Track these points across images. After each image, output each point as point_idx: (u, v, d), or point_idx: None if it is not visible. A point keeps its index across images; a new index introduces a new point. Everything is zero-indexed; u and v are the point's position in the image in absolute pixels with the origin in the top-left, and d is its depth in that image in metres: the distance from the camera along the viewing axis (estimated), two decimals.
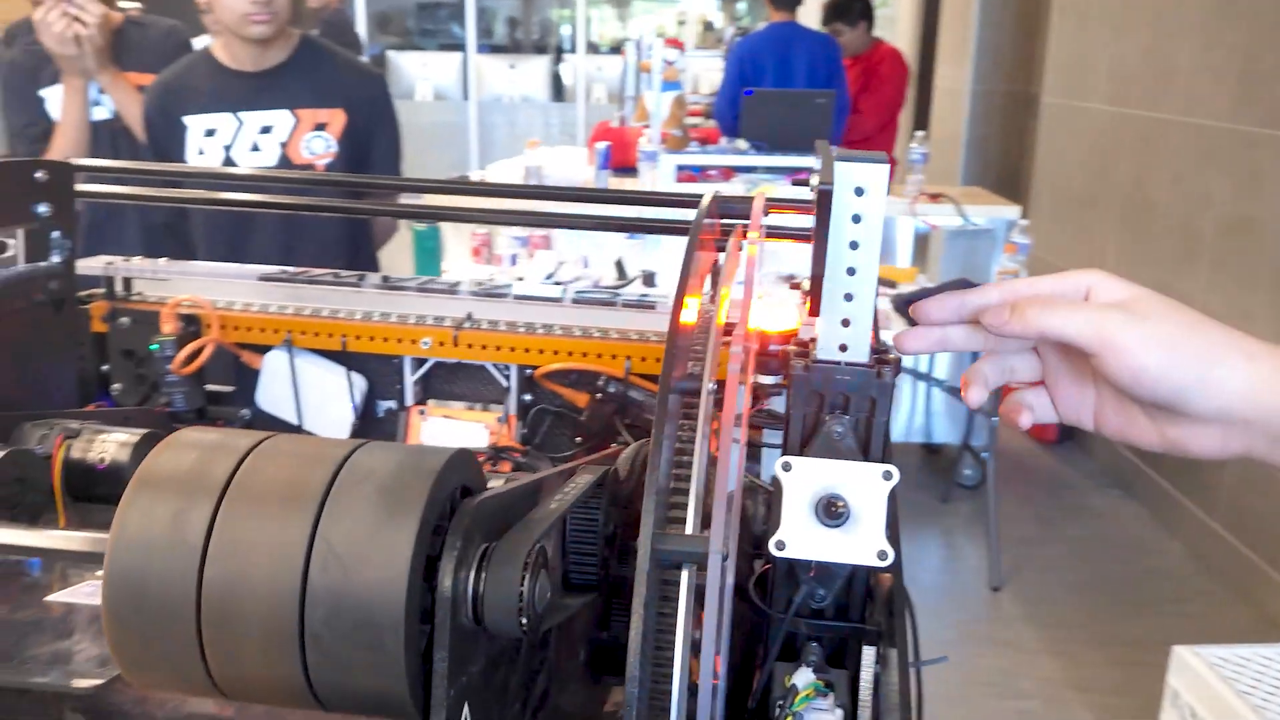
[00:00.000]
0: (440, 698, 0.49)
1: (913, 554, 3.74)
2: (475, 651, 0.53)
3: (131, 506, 0.50)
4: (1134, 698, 2.86)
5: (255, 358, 1.26)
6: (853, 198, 0.65)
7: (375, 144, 2.36)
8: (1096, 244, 4.31)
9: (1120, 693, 2.89)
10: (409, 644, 0.48)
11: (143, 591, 0.49)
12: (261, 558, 0.48)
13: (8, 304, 0.94)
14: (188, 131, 2.27)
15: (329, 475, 0.50)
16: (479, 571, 0.51)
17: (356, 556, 0.48)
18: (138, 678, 0.51)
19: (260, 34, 2.19)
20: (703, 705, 0.59)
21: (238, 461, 0.51)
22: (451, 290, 1.25)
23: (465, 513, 0.51)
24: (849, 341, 0.68)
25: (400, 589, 0.47)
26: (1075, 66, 4.59)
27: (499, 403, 1.25)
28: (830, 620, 0.73)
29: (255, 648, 0.48)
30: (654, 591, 0.61)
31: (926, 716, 2.91)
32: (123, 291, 1.27)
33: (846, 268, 0.67)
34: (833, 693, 0.70)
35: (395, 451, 0.53)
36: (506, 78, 9.16)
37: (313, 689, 0.49)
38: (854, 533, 0.64)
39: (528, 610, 0.52)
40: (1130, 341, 0.59)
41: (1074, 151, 4.59)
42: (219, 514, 0.49)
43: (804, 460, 0.65)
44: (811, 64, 4.71)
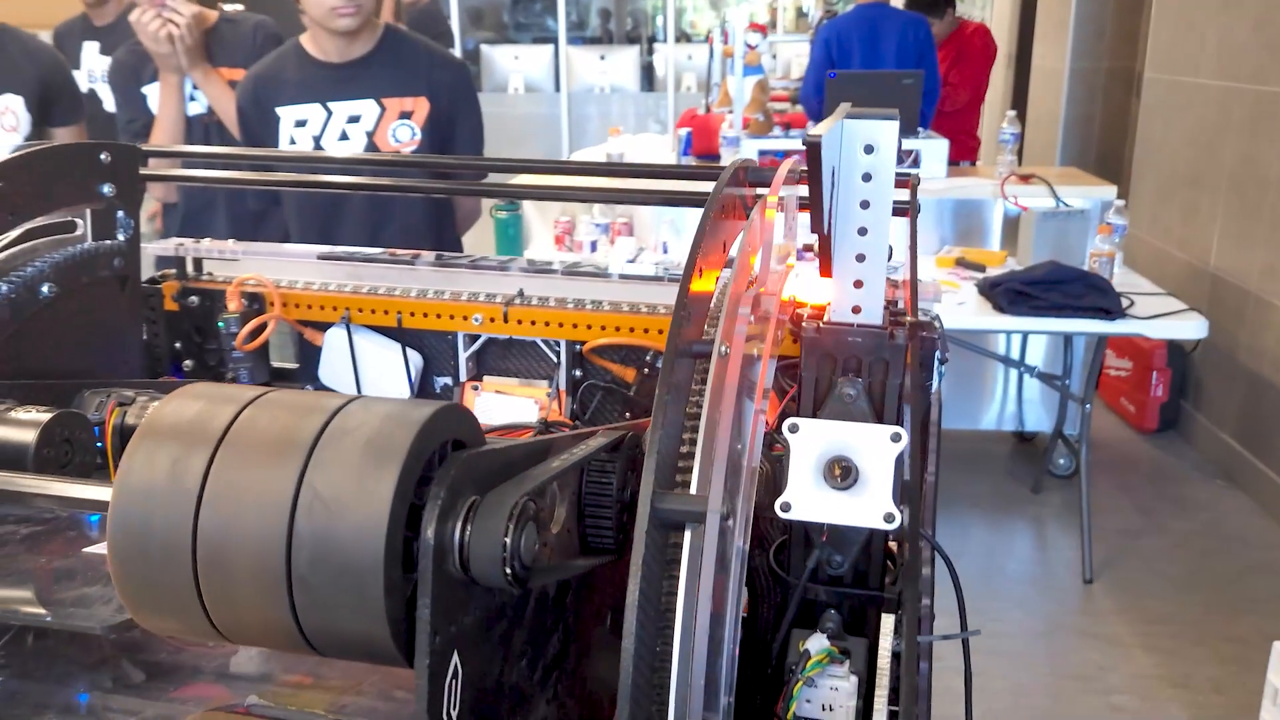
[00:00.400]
0: (424, 644, 0.50)
1: (1003, 544, 3.65)
2: (466, 602, 0.54)
3: (135, 454, 0.52)
4: (1233, 695, 2.73)
5: (317, 335, 1.30)
6: (863, 156, 0.64)
7: (458, 130, 2.41)
8: (1202, 225, 4.12)
9: (1219, 690, 2.77)
10: (390, 589, 0.49)
11: (144, 536, 0.51)
12: (252, 503, 0.50)
13: (74, 279, 0.98)
14: (280, 122, 2.35)
15: (319, 425, 0.52)
16: (466, 522, 0.52)
17: (340, 502, 0.49)
18: (144, 619, 0.54)
19: (346, 26, 2.25)
20: (698, 667, 0.59)
21: (236, 412, 0.53)
22: (503, 268, 1.27)
23: (453, 463, 0.52)
24: (862, 303, 0.67)
25: (380, 534, 0.49)
26: (1180, 40, 4.39)
27: (549, 378, 1.27)
28: (848, 587, 0.72)
29: (247, 590, 0.50)
30: (655, 551, 0.61)
31: (1017, 706, 2.84)
32: (194, 272, 1.32)
33: (858, 228, 0.65)
34: (849, 660, 0.70)
35: (386, 404, 0.54)
36: (597, 68, 9.21)
37: (303, 632, 0.51)
38: (862, 495, 0.63)
39: (512, 561, 0.52)
40: None
41: (1179, 129, 4.39)
42: (214, 462, 0.51)
43: (811, 422, 0.65)
44: (901, 45, 4.61)
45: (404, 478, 0.50)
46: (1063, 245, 3.51)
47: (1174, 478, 4.01)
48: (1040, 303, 3.11)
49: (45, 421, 0.75)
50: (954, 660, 0.92)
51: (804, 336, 0.67)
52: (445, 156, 2.30)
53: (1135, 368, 4.35)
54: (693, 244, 0.69)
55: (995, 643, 2.98)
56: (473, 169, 1.79)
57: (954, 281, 3.48)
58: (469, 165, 1.81)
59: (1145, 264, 4.48)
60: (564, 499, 0.69)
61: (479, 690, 0.57)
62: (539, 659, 0.67)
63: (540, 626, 0.67)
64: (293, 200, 2.42)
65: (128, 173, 1.05)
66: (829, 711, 0.69)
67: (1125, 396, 4.44)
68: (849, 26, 4.68)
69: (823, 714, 0.69)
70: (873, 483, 0.63)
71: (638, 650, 0.59)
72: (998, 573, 3.46)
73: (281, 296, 1.27)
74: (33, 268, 0.95)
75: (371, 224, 2.37)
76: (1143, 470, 4.14)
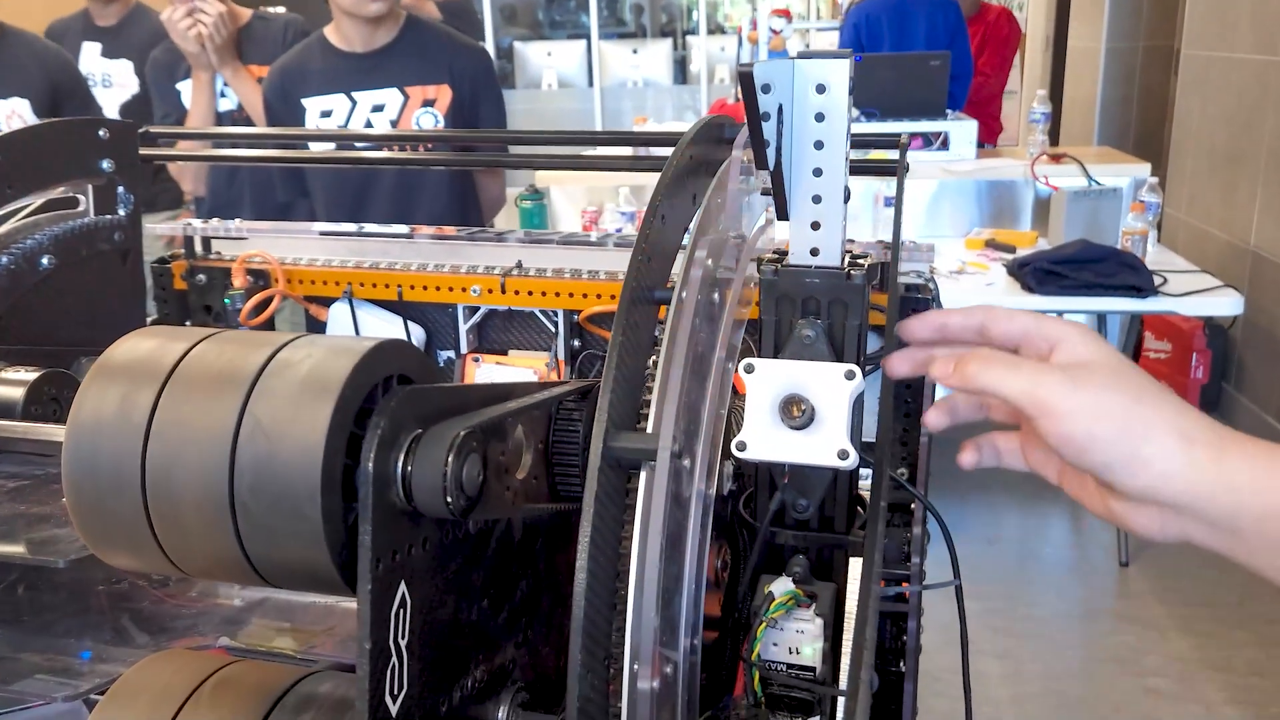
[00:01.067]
0: (365, 569, 0.51)
1: (1038, 527, 3.60)
2: (415, 534, 0.55)
3: (87, 391, 0.54)
4: (1274, 679, 2.67)
5: (321, 310, 1.33)
6: (815, 95, 0.64)
7: (481, 117, 2.43)
8: (1241, 203, 4.03)
9: (1259, 673, 2.71)
10: (329, 515, 0.50)
11: (95, 469, 0.52)
12: (196, 434, 0.51)
13: (74, 252, 1.01)
14: (306, 113, 2.39)
15: (264, 359, 0.53)
16: (409, 453, 0.53)
17: (279, 431, 0.50)
18: (103, 553, 0.55)
19: (377, 11, 2.29)
20: (648, 604, 0.59)
21: (187, 349, 0.54)
22: (500, 239, 1.28)
23: (395, 395, 0.53)
24: (820, 244, 0.67)
25: (316, 461, 0.50)
26: (1217, 15, 4.30)
27: (549, 348, 1.28)
28: (814, 531, 0.72)
29: (194, 520, 0.52)
30: (610, 492, 0.62)
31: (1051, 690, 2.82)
32: (201, 251, 1.35)
33: (812, 169, 0.65)
34: (815, 603, 0.70)
35: (332, 340, 0.55)
36: (630, 62, 9.22)
37: (250, 560, 0.52)
38: (817, 434, 0.63)
39: (452, 491, 0.53)
40: (1062, 408, 0.57)
41: (1217, 105, 4.30)
42: (162, 396, 0.52)
43: (766, 362, 0.65)
44: (931, 28, 4.57)
45: (341, 407, 0.51)
46: (1095, 225, 3.46)
47: None
48: (1070, 282, 3.06)
49: (33, 380, 0.78)
50: (985, 644, 0.91)
51: (762, 279, 0.68)
52: (464, 131, 2.32)
53: (1174, 349, 4.27)
54: (654, 191, 0.69)
55: (1030, 626, 2.95)
56: (488, 144, 1.80)
57: (983, 263, 3.45)
58: (486, 138, 1.83)
59: (1185, 244, 4.39)
60: (530, 445, 0.70)
61: (431, 622, 0.58)
62: (505, 601, 0.68)
63: (504, 569, 0.68)
64: (320, 190, 2.46)
65: (127, 149, 1.07)
66: (795, 654, 0.69)
67: (1165, 379, 4.35)
68: (878, 10, 4.64)
69: (789, 657, 0.69)
70: (828, 421, 0.63)
71: (590, 586, 0.59)
72: (1032, 558, 3.42)
73: (285, 273, 1.29)
74: (32, 240, 0.98)
75: (397, 212, 2.40)
76: None
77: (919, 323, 0.66)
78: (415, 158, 1.39)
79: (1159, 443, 0.56)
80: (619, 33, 10.30)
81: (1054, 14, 7.02)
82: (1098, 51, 6.03)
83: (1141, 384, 0.58)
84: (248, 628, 0.83)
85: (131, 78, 3.34)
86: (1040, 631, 2.95)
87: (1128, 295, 3.01)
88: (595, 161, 1.43)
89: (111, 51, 3.35)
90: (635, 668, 0.59)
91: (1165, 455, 0.56)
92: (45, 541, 0.63)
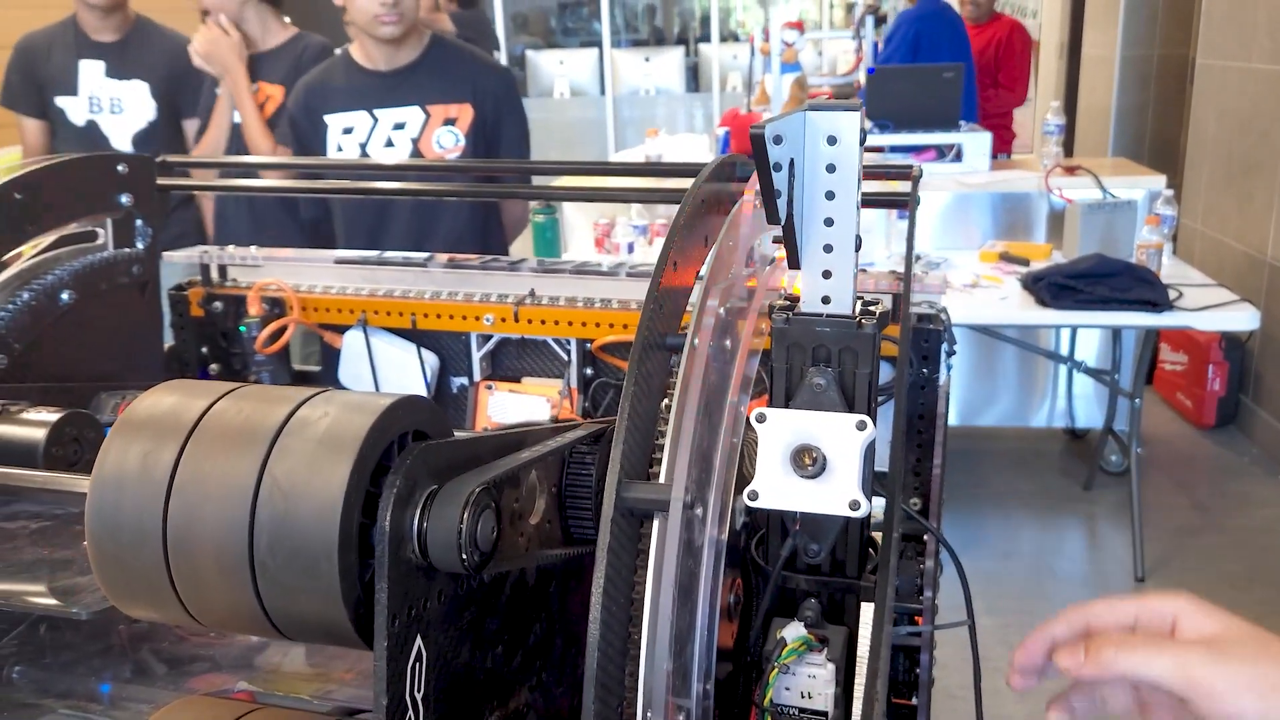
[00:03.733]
0: (382, 626, 0.52)
1: (1053, 542, 3.58)
2: (429, 588, 0.56)
3: (110, 447, 0.55)
4: None
5: (336, 338, 1.34)
6: (826, 147, 0.64)
7: (503, 136, 2.44)
8: (1258, 214, 4.01)
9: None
10: (346, 573, 0.51)
11: (117, 524, 0.53)
12: (216, 492, 0.52)
13: (94, 286, 1.02)
14: (328, 130, 2.41)
15: (283, 416, 0.54)
16: (424, 510, 0.54)
17: (297, 490, 0.51)
18: (123, 605, 0.56)
19: (389, 34, 2.30)
20: (660, 654, 0.60)
21: (208, 405, 0.55)
22: (513, 268, 1.29)
23: (409, 453, 0.54)
24: (831, 293, 0.67)
25: (334, 519, 0.50)
26: (1233, 24, 4.28)
27: (562, 376, 1.28)
28: (826, 576, 0.72)
29: (214, 575, 0.52)
30: (622, 540, 0.62)
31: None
32: (218, 278, 1.37)
33: (824, 219, 0.66)
34: (826, 648, 0.70)
35: (349, 396, 0.56)
36: (642, 70, 9.24)
37: (268, 615, 0.53)
38: (828, 483, 0.64)
39: (467, 548, 0.54)
40: (1220, 686, 0.56)
41: (1233, 116, 4.28)
42: (184, 453, 0.53)
43: (778, 411, 0.65)
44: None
45: (359, 465, 0.52)
46: (1110, 237, 3.44)
47: (1233, 473, 3.91)
48: (1085, 296, 3.05)
49: (54, 421, 0.79)
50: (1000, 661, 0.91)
51: (774, 327, 0.68)
52: (481, 160, 2.33)
53: (1191, 361, 4.25)
54: (667, 237, 0.70)
55: None
56: (507, 173, 1.82)
57: (997, 276, 3.44)
58: (504, 169, 1.84)
59: (1201, 256, 4.37)
60: (544, 490, 0.71)
61: (447, 674, 0.58)
62: (517, 646, 0.69)
63: (518, 614, 0.68)
64: (341, 208, 2.48)
65: (145, 183, 1.08)
66: (808, 699, 0.69)
67: (1182, 391, 4.33)
68: (934, 15, 4.63)
69: (802, 701, 0.69)
70: (839, 471, 0.64)
71: (604, 636, 0.60)
72: (1048, 572, 3.40)
73: (300, 300, 1.30)
74: (52, 275, 0.99)
75: (418, 231, 2.41)
76: (1200, 466, 4.04)
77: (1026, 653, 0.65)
78: (432, 189, 1.40)
79: None
80: (631, 40, 10.33)
81: (1068, 21, 7.00)
82: (1112, 60, 6.01)
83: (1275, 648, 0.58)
84: (266, 666, 0.83)
85: (147, 102, 3.02)
86: None
87: (1143, 310, 3.00)
88: (610, 194, 1.43)
89: (119, 71, 2.99)
90: (649, 715, 0.60)
91: None
92: (67, 590, 0.64)
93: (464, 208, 2.42)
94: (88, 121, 3.01)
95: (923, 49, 4.51)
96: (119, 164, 1.06)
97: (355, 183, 1.28)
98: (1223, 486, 3.84)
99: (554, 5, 10.62)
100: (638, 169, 1.26)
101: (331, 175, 1.96)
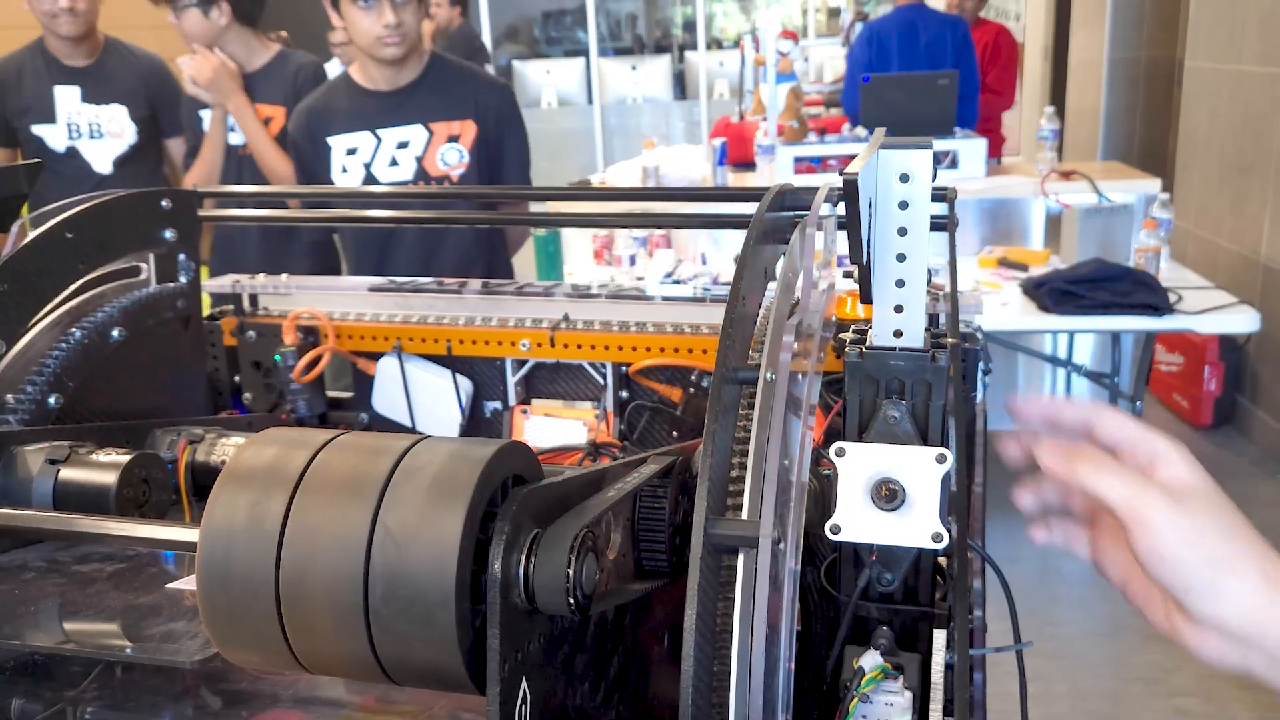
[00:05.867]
0: (494, 672, 0.52)
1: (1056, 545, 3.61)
2: (531, 630, 0.57)
3: (218, 498, 0.55)
4: None
5: (370, 364, 1.34)
6: (898, 184, 0.66)
7: (505, 152, 2.46)
8: (1252, 215, 4.05)
9: None
10: (461, 621, 0.52)
11: (228, 574, 0.54)
12: (329, 542, 0.53)
13: (141, 322, 1.03)
14: (331, 152, 2.42)
15: (389, 467, 0.55)
16: (530, 555, 0.55)
17: (410, 539, 0.52)
18: (230, 654, 0.57)
19: (392, 55, 2.32)
20: (755, 687, 0.61)
21: (310, 457, 0.56)
22: (548, 293, 1.30)
23: (515, 499, 0.55)
24: (903, 327, 0.69)
25: (450, 569, 0.51)
26: (1222, 26, 4.33)
27: (598, 400, 1.29)
28: (899, 604, 0.73)
29: (326, 624, 0.53)
30: (709, 575, 0.63)
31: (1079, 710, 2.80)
32: (250, 307, 1.37)
33: (896, 254, 0.67)
34: (902, 675, 0.71)
35: (449, 444, 0.56)
36: (629, 79, 9.27)
37: (380, 663, 0.54)
38: (909, 516, 0.65)
39: (575, 592, 0.55)
40: (1158, 523, 0.60)
41: (1224, 118, 4.33)
42: (293, 504, 0.54)
43: (858, 445, 0.66)
44: (939, 46, 4.60)
45: (470, 514, 0.53)
46: (1107, 241, 3.48)
47: (1231, 473, 3.94)
48: (1087, 301, 3.08)
49: (125, 463, 0.79)
50: (1011, 665, 0.93)
51: (847, 361, 0.69)
52: (490, 188, 2.35)
53: (1187, 362, 4.29)
54: (736, 272, 0.71)
55: (1055, 645, 2.95)
56: (516, 199, 1.83)
57: (996, 282, 3.47)
58: (512, 196, 1.85)
59: (1195, 257, 4.41)
60: (618, 525, 0.71)
61: (545, 714, 0.59)
62: (601, 681, 0.70)
63: (601, 649, 0.69)
64: (348, 231, 2.49)
65: (188, 217, 1.09)
66: None
67: (1178, 392, 4.37)
68: (889, 27, 4.67)
69: None
70: (919, 503, 0.65)
71: (696, 673, 0.61)
72: (1055, 574, 3.43)
73: (335, 329, 1.31)
74: (102, 313, 1.00)
75: (425, 250, 2.43)
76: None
77: (1032, 407, 0.68)
78: (442, 216, 1.41)
79: (1241, 577, 0.60)
80: (616, 48, 10.35)
81: (1053, 24, 7.06)
82: (1100, 63, 6.06)
83: (1234, 520, 0.62)
84: (327, 700, 0.84)
85: (127, 125, 3.05)
86: (1067, 651, 2.96)
87: (1145, 314, 3.03)
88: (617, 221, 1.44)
89: (95, 96, 3.00)
90: None
91: (1244, 590, 0.59)
92: (165, 637, 0.64)
93: (470, 227, 2.44)
94: (68, 148, 3.01)
95: (874, 62, 4.54)
96: (163, 199, 1.06)
97: (397, 212, 1.29)
98: (1223, 486, 3.82)
99: (538, 14, 10.63)
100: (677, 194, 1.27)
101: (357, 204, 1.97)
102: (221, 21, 2.75)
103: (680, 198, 1.09)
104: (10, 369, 0.91)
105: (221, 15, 2.74)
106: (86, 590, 0.71)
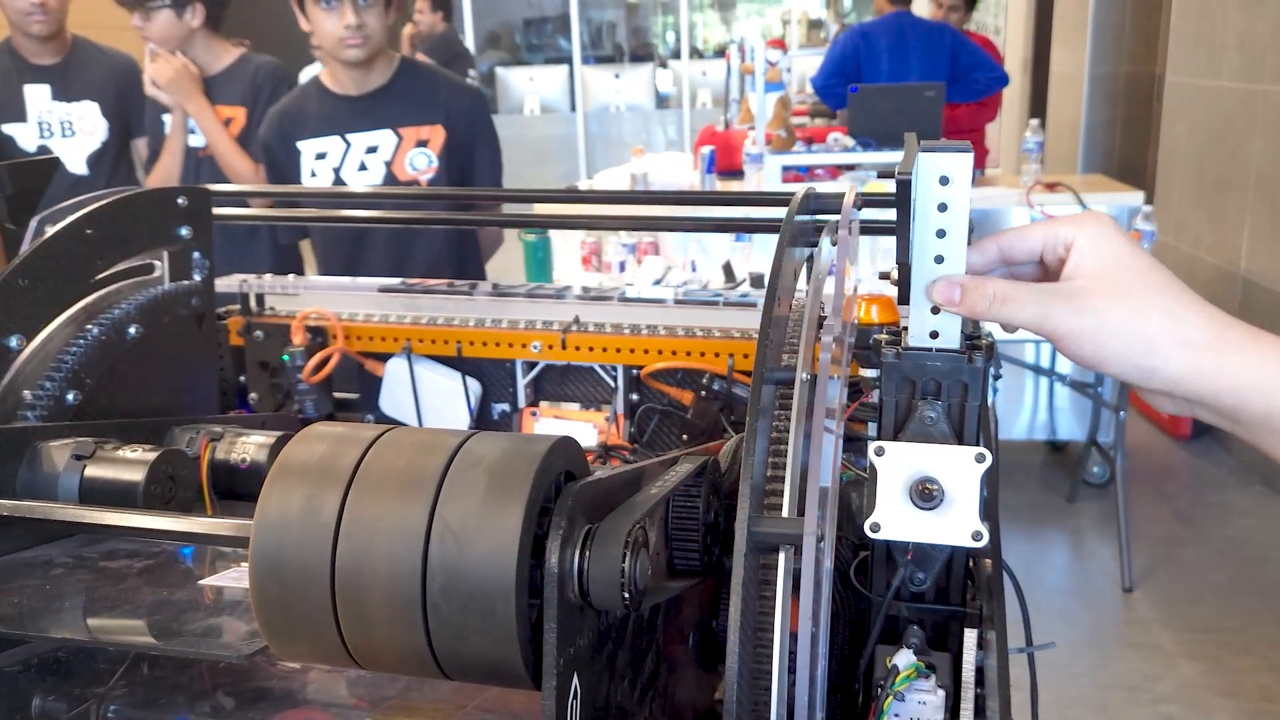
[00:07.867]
0: (550, 666, 0.52)
1: (1039, 554, 3.64)
2: (583, 625, 0.57)
3: (271, 493, 0.55)
4: None
5: (378, 365, 1.34)
6: (938, 187, 0.66)
7: (476, 157, 2.46)
8: (1230, 229, 4.12)
9: (1269, 698, 2.75)
10: (520, 615, 0.52)
11: (282, 568, 0.54)
12: (386, 536, 0.53)
13: (156, 320, 1.02)
14: (301, 155, 2.41)
15: (444, 461, 0.55)
16: (584, 550, 0.55)
17: (470, 533, 0.52)
18: (282, 648, 0.56)
19: (355, 57, 2.31)
20: (801, 684, 0.61)
21: (363, 451, 0.56)
22: (559, 295, 1.30)
23: (570, 494, 0.55)
24: (939, 328, 0.69)
25: (510, 563, 0.51)
26: (1202, 42, 4.40)
27: (607, 403, 1.30)
28: (931, 603, 0.74)
29: (383, 617, 0.53)
30: (752, 574, 0.64)
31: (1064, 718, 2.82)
32: (256, 307, 1.36)
33: (934, 256, 0.68)
34: (935, 675, 0.72)
35: (503, 439, 0.57)
36: (612, 87, 9.29)
37: (435, 656, 0.54)
38: (948, 514, 0.66)
39: (629, 586, 0.55)
40: (1068, 335, 0.65)
41: (1203, 133, 4.40)
42: (348, 498, 0.54)
43: (897, 445, 0.67)
44: (930, 55, 4.64)
45: (529, 509, 0.53)
46: None
47: (1212, 484, 4.00)
48: None
49: (153, 460, 0.79)
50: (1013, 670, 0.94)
51: (883, 362, 0.70)
52: (473, 189, 2.35)
53: None
54: (770, 273, 0.72)
55: (1040, 655, 2.98)
56: (498, 199, 1.83)
57: None
58: (493, 196, 1.85)
59: (1174, 270, 4.44)
60: (653, 524, 0.72)
61: (591, 709, 0.59)
62: (638, 678, 0.70)
63: (638, 648, 0.69)
64: (319, 232, 2.48)
65: (203, 215, 1.08)
66: None
67: None
68: (879, 31, 4.70)
69: None
70: (959, 502, 0.66)
71: (740, 671, 0.61)
72: (1037, 584, 3.45)
73: (344, 329, 1.31)
74: (119, 310, 0.99)
75: (396, 253, 2.42)
76: (1179, 477, 4.12)
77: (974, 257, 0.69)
78: (419, 217, 1.41)
79: (1162, 354, 0.63)
80: (598, 56, 10.37)
81: (1033, 38, 7.14)
82: (1081, 77, 6.14)
83: (1142, 291, 0.65)
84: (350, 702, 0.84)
85: (99, 122, 3.01)
86: (1049, 659, 2.98)
87: None
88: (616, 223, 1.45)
89: (66, 94, 2.97)
90: None
91: (1169, 365, 0.64)
92: (207, 632, 0.64)
93: (441, 229, 2.43)
94: (39, 147, 2.97)
95: (860, 63, 4.58)
96: (179, 197, 1.06)
97: (400, 213, 1.29)
98: (1203, 497, 3.92)
99: (520, 22, 10.64)
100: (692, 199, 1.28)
101: (332, 204, 1.97)
102: (194, 23, 2.74)
103: (703, 202, 1.10)
104: (29, 365, 0.90)
105: (195, 17, 2.73)
106: (119, 586, 0.70)
